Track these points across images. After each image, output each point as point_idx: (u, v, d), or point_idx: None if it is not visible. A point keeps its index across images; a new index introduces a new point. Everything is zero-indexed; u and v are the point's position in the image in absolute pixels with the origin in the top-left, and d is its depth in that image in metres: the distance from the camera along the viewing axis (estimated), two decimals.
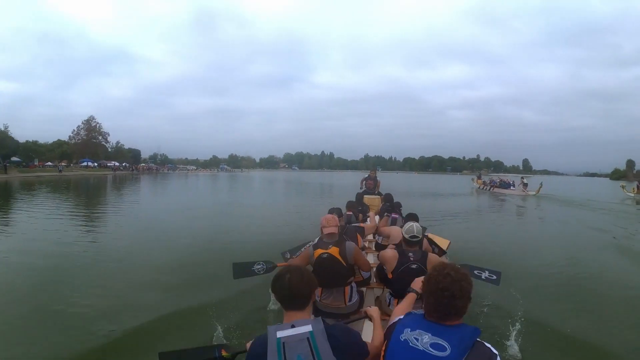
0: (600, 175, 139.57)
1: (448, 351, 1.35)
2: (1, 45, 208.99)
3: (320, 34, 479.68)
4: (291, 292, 1.58)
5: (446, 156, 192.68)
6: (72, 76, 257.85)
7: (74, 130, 70.72)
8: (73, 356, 3.45)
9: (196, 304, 4.52)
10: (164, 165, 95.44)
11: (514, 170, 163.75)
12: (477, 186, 34.69)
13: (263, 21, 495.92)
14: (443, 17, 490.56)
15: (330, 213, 3.71)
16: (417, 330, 1.45)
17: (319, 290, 3.04)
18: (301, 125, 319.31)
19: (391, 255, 3.12)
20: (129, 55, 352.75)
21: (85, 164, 63.54)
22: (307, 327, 1.52)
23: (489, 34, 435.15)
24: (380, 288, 3.65)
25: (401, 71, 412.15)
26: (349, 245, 3.08)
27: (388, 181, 20.61)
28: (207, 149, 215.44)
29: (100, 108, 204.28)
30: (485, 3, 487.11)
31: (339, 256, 2.96)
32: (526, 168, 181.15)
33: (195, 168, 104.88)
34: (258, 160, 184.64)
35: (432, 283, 1.48)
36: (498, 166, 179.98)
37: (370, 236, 6.08)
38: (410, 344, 1.42)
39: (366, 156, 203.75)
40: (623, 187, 29.40)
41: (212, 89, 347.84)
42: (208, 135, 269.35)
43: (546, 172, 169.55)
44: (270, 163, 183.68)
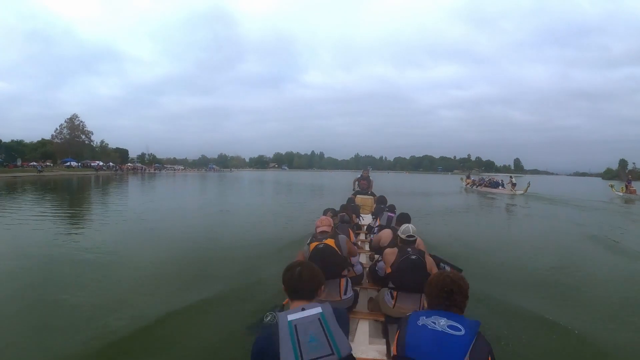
0: (590, 174, 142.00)
1: (463, 332, 1.57)
2: None
3: (309, 34, 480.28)
4: (301, 283, 1.72)
5: (437, 156, 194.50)
6: (61, 75, 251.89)
7: (57, 129, 68.81)
8: (76, 356, 3.33)
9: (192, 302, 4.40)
10: (151, 165, 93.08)
11: (505, 170, 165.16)
12: (466, 185, 34.69)
13: (252, 20, 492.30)
14: (432, 17, 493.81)
15: (324, 214, 4.37)
16: (433, 316, 1.65)
17: None
18: (291, 124, 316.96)
19: (391, 250, 3.35)
20: (118, 53, 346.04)
21: (68, 164, 61.36)
22: (318, 309, 1.62)
23: (478, 34, 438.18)
24: (374, 289, 3.88)
25: (390, 70, 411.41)
26: (342, 237, 3.41)
27: (379, 181, 20.51)
28: (196, 149, 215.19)
29: (89, 107, 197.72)
30: (474, 3, 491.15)
31: (335, 246, 3.18)
32: (517, 168, 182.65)
33: (182, 168, 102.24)
34: (248, 159, 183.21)
35: (434, 283, 1.77)
36: (489, 166, 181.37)
37: (362, 235, 6.62)
38: (429, 327, 1.61)
39: (357, 156, 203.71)
40: (612, 187, 29.60)
41: (201, 89, 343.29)
42: (197, 134, 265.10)
43: (537, 172, 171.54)
44: (259, 163, 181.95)
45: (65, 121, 69.23)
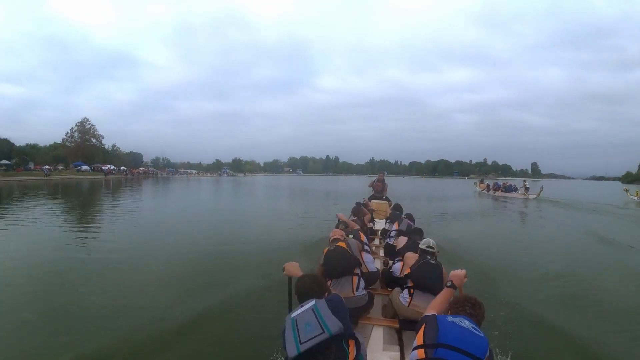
0: (608, 178, 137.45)
1: (482, 334, 1.83)
2: (7, 49, 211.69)
3: (324, 38, 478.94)
4: (306, 289, 2.16)
5: (453, 160, 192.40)
6: (77, 80, 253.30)
7: (68, 132, 68.58)
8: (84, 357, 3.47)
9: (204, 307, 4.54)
10: (164, 169, 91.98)
11: (522, 174, 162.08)
12: (480, 190, 34.73)
13: (267, 26, 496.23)
14: (447, 21, 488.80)
15: (336, 227, 4.85)
16: (459, 318, 1.91)
17: (329, 282, 3.34)
18: (305, 129, 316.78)
19: (412, 254, 3.70)
20: (133, 59, 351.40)
21: (79, 167, 60.77)
22: (312, 303, 1.99)
23: (493, 37, 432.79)
24: (387, 295, 3.96)
25: (405, 75, 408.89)
26: (352, 240, 3.92)
27: (394, 185, 19.66)
28: (211, 153, 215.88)
29: (104, 112, 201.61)
30: (489, 6, 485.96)
31: (345, 247, 3.56)
32: (535, 172, 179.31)
33: (196, 172, 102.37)
34: (262, 164, 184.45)
35: (459, 300, 2.11)
36: (506, 170, 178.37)
37: (377, 241, 6.82)
38: (457, 324, 1.85)
39: (372, 160, 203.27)
40: (627, 191, 29.32)
41: (217, 94, 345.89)
42: (212, 139, 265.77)
43: (554, 176, 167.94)
44: (274, 167, 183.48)
45: (75, 124, 68.84)
